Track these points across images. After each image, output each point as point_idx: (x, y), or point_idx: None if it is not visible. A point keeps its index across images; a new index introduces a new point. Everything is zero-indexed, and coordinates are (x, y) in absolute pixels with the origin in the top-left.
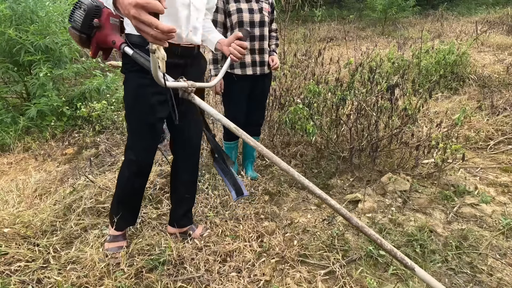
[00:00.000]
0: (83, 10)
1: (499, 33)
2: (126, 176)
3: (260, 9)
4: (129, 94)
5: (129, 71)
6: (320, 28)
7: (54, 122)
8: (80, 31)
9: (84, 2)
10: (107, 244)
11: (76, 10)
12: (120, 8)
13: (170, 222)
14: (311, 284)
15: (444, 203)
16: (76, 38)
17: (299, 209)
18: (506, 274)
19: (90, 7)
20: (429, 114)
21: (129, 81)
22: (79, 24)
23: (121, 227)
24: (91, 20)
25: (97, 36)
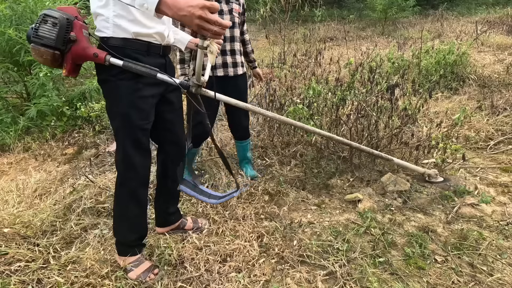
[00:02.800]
0: (52, 24)
1: (499, 33)
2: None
3: (230, 10)
4: (124, 103)
5: (119, 79)
6: (320, 28)
7: (54, 122)
8: (53, 47)
9: (52, 15)
10: (133, 275)
11: (42, 26)
12: (170, 11)
13: (160, 222)
14: (311, 284)
15: (444, 203)
16: (49, 56)
17: (299, 209)
18: (506, 274)
19: (62, 20)
20: (429, 114)
21: (121, 89)
22: (52, 40)
23: (140, 249)
24: (66, 34)
25: (73, 51)
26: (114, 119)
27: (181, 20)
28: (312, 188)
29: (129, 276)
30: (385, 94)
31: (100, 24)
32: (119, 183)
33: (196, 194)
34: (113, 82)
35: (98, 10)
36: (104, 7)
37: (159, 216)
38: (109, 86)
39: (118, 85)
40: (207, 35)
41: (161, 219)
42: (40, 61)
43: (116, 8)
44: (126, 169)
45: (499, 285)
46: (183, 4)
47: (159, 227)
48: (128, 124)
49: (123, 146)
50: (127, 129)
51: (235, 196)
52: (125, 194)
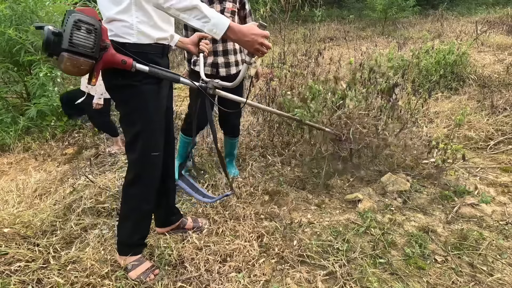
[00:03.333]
0: (87, 30)
1: (499, 33)
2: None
3: (222, 10)
4: (149, 107)
5: (143, 83)
6: (320, 28)
7: (54, 122)
8: (92, 57)
9: (87, 21)
10: (133, 274)
11: (76, 33)
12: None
13: (160, 223)
14: (311, 284)
15: (444, 203)
16: (87, 67)
17: (299, 209)
18: (506, 274)
19: (97, 26)
20: (429, 114)
21: (146, 94)
22: (90, 49)
23: (141, 249)
24: (100, 41)
25: (104, 59)
26: (134, 123)
27: (241, 43)
28: (312, 188)
29: (129, 276)
30: (385, 94)
31: (121, 30)
32: (133, 183)
33: (192, 191)
34: (137, 87)
35: (118, 16)
36: (124, 12)
37: (159, 216)
38: (132, 91)
39: (143, 90)
40: (258, 55)
41: (162, 219)
42: (73, 71)
43: (139, 14)
44: (142, 170)
45: (499, 285)
46: (247, 31)
47: (160, 227)
48: (152, 127)
49: (143, 148)
50: (151, 132)
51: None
52: (137, 194)
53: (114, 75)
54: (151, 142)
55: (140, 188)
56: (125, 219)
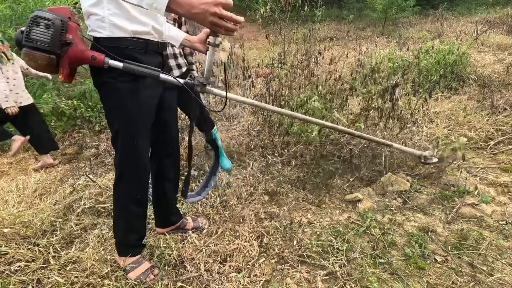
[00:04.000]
0: (45, 26)
1: (499, 33)
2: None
3: None
4: (125, 105)
5: (118, 81)
6: (320, 28)
7: (54, 122)
8: (49, 51)
9: (45, 16)
10: (132, 275)
11: (34, 28)
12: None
13: (160, 223)
14: (311, 284)
15: (444, 203)
16: (44, 61)
17: (299, 209)
18: (506, 274)
19: (56, 21)
20: (429, 114)
21: (121, 91)
22: (46, 44)
23: (140, 249)
24: (61, 37)
25: (70, 54)
26: (113, 122)
27: (193, 18)
28: (312, 188)
29: (129, 277)
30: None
31: (95, 24)
32: (119, 183)
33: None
34: (112, 84)
35: (91, 9)
36: (97, 5)
37: (159, 217)
38: (107, 88)
39: (118, 87)
40: (221, 32)
41: (162, 220)
42: (34, 66)
43: (111, 6)
44: (125, 169)
45: (499, 285)
46: (196, 1)
47: (160, 227)
48: (131, 126)
49: (124, 147)
50: (130, 131)
51: None
52: (125, 194)
53: (93, 73)
54: (130, 142)
55: (126, 188)
56: (117, 219)
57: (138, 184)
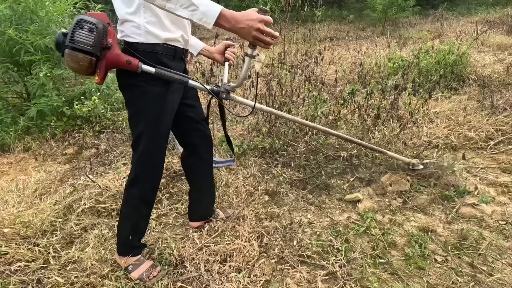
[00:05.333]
0: (89, 29)
1: (499, 33)
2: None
3: None
4: (154, 108)
5: (149, 85)
6: (320, 28)
7: (54, 122)
8: (91, 53)
9: (89, 20)
10: (135, 274)
11: (78, 31)
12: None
13: (196, 217)
14: (311, 284)
15: (444, 203)
16: (85, 63)
17: (299, 209)
18: (506, 274)
19: (99, 26)
20: (429, 114)
21: (151, 95)
22: (90, 46)
23: (141, 249)
24: (102, 40)
25: (108, 58)
26: (138, 124)
27: (237, 32)
28: (312, 188)
29: (131, 276)
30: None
31: (130, 30)
32: (134, 183)
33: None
34: (143, 87)
35: (128, 16)
36: (134, 13)
37: (199, 210)
38: (137, 91)
39: (148, 90)
40: (261, 46)
41: (201, 213)
42: (74, 67)
43: (147, 15)
44: (143, 171)
45: (499, 285)
46: (241, 17)
47: (197, 221)
48: (156, 129)
49: (146, 149)
50: (154, 133)
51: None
52: (138, 195)
53: (123, 75)
54: (153, 144)
55: (140, 189)
56: (124, 220)
57: (153, 186)
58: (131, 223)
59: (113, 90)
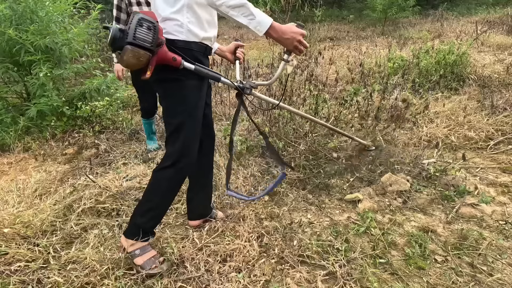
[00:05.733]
0: (147, 28)
1: (499, 33)
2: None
3: None
4: (192, 100)
5: (188, 78)
6: (320, 28)
7: (54, 122)
8: (150, 50)
9: (148, 19)
10: (139, 260)
11: (139, 29)
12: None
13: (195, 216)
14: (311, 284)
15: (444, 203)
16: (145, 59)
17: (299, 209)
18: (506, 274)
19: (156, 24)
20: (429, 114)
21: (189, 88)
22: (149, 43)
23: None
24: (158, 38)
25: (159, 54)
26: (176, 115)
27: (281, 41)
28: (312, 188)
29: (134, 261)
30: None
31: (172, 28)
32: (166, 172)
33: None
34: (183, 81)
35: (172, 15)
36: (177, 13)
37: (196, 209)
38: (177, 85)
39: (187, 84)
40: (296, 53)
41: (199, 212)
42: (133, 63)
43: (189, 15)
44: (180, 159)
45: (499, 285)
46: (287, 30)
47: (196, 219)
48: (194, 118)
49: (187, 137)
50: (192, 123)
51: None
52: (171, 183)
53: (163, 69)
54: (192, 133)
55: (172, 176)
56: (151, 207)
57: (184, 175)
58: (158, 211)
59: (112, 90)
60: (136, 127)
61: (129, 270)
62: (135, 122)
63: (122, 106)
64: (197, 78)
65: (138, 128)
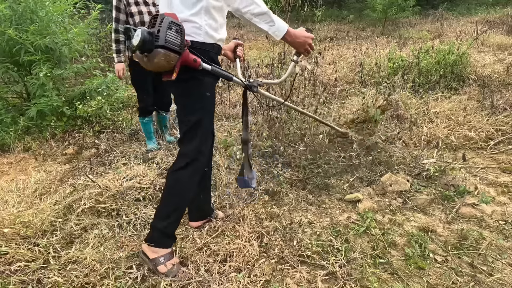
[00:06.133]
0: (176, 31)
1: (499, 33)
2: (189, 186)
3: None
4: (209, 97)
5: (205, 77)
6: (320, 28)
7: (54, 122)
8: (179, 53)
9: (176, 22)
10: (163, 268)
11: (169, 32)
12: (290, 38)
13: (197, 217)
14: (311, 284)
15: (444, 203)
16: (174, 61)
17: (299, 209)
18: (506, 274)
19: (183, 27)
20: (429, 114)
21: (206, 86)
22: (178, 46)
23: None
24: (185, 40)
25: (184, 56)
26: (195, 112)
27: (294, 44)
28: (312, 188)
29: (158, 269)
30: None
31: (191, 30)
32: (185, 171)
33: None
34: (201, 80)
35: (191, 17)
36: (196, 15)
37: (197, 210)
38: (197, 83)
39: (205, 82)
40: (305, 55)
41: (200, 213)
42: (163, 65)
43: (207, 17)
44: (198, 156)
45: (499, 285)
46: (299, 34)
47: (195, 221)
48: (211, 114)
49: (204, 134)
50: (209, 119)
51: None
52: (187, 179)
53: (182, 70)
54: (209, 128)
55: (191, 174)
56: (170, 208)
57: (201, 171)
58: (176, 212)
59: (112, 90)
60: (136, 127)
61: (129, 270)
62: (135, 122)
63: (122, 106)
64: (212, 77)
65: (138, 128)
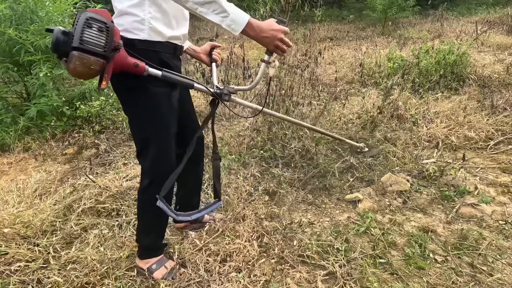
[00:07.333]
0: (98, 29)
1: (499, 33)
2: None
3: None
4: (162, 110)
5: (155, 86)
6: (320, 28)
7: (54, 122)
8: (104, 56)
9: (99, 19)
10: (158, 274)
11: (87, 31)
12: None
13: None
14: (311, 284)
15: (444, 203)
16: (98, 67)
17: (299, 209)
18: (506, 274)
19: (110, 25)
20: (429, 114)
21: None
22: (101, 48)
23: (163, 249)
24: (113, 41)
25: (116, 60)
26: (145, 128)
27: (259, 40)
28: (312, 188)
29: (154, 276)
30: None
31: (131, 25)
32: (148, 191)
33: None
34: (150, 89)
35: (130, 9)
36: (137, 6)
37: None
38: (144, 93)
39: (156, 92)
40: (278, 53)
41: None
42: (82, 72)
43: (152, 10)
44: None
45: (499, 285)
46: (266, 27)
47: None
48: (165, 130)
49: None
50: (163, 135)
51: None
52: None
53: (125, 76)
54: (165, 146)
55: (156, 191)
56: (147, 228)
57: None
58: (156, 229)
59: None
60: None
61: (129, 271)
62: None
63: None
64: (166, 85)
65: None
